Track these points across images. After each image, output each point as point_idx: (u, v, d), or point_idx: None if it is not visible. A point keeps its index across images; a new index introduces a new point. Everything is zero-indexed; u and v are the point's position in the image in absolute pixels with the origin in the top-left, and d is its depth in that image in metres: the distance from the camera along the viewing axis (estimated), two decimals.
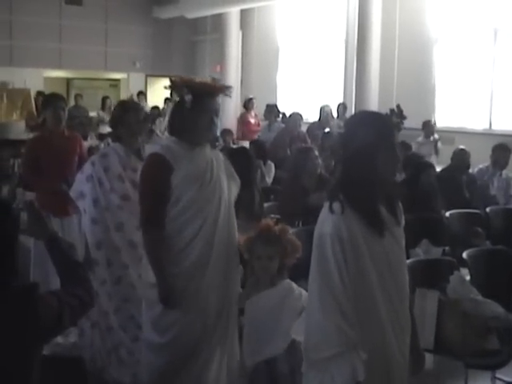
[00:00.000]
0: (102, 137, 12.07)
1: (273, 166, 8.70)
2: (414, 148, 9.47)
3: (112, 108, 14.77)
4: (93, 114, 15.24)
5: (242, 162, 5.62)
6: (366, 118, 2.81)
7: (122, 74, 19.30)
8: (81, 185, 4.44)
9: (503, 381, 4.55)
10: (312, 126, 11.38)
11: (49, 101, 5.87)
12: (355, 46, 13.07)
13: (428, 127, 10.48)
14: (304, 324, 2.71)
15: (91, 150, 7.89)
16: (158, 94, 17.94)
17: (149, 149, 3.74)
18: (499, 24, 11.72)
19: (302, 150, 6.53)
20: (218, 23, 17.14)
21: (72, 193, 4.50)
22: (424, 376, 4.29)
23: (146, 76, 19.37)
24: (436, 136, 10.38)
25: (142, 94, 16.71)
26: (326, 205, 2.63)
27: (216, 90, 3.63)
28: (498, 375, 4.58)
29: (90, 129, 12.99)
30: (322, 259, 2.56)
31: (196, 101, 3.51)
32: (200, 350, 3.62)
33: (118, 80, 19.75)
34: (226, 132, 10.70)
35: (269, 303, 3.64)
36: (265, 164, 8.41)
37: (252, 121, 12.85)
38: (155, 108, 15.24)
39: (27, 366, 2.25)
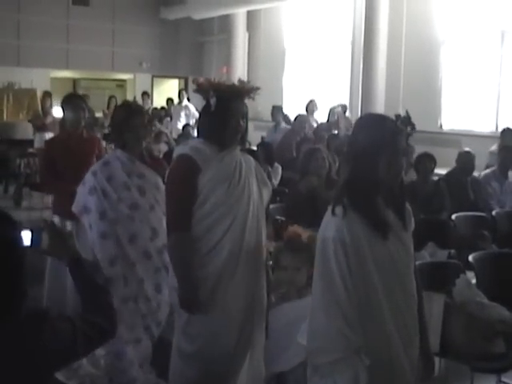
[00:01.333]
0: (107, 137, 12.06)
1: (280, 168, 8.69)
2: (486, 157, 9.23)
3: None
4: (99, 114, 15.24)
5: None
6: (371, 120, 2.84)
7: (129, 74, 19.32)
8: (83, 198, 4.18)
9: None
10: (319, 127, 11.37)
11: (68, 101, 5.68)
12: (362, 48, 13.08)
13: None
14: (307, 328, 2.71)
15: None
16: (164, 94, 18.00)
17: (177, 150, 3.60)
18: (506, 26, 11.69)
19: (308, 151, 6.53)
20: (224, 24, 17.19)
21: (75, 207, 4.25)
22: (430, 379, 4.31)
23: (153, 77, 19.39)
24: None
25: (146, 94, 16.71)
26: (329, 208, 2.63)
27: (242, 92, 3.53)
28: (503, 379, 4.57)
29: (97, 129, 13.00)
30: (324, 263, 2.57)
31: (222, 104, 3.44)
32: (232, 360, 3.49)
33: (124, 80, 19.79)
34: None
35: (291, 316, 3.49)
36: (271, 166, 8.40)
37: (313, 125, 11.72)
38: (162, 109, 15.27)
39: None
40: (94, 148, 5.65)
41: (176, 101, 15.85)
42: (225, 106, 3.43)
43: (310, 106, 12.03)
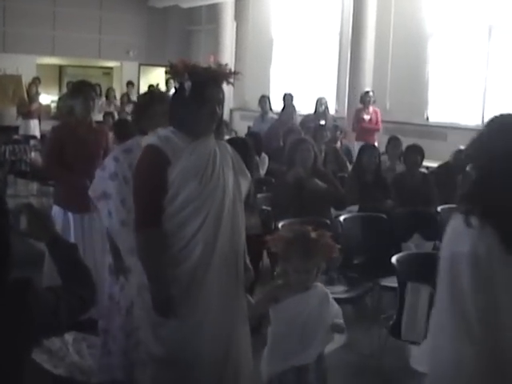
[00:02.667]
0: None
1: (267, 158, 8.72)
2: None
3: (111, 98, 14.88)
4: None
5: (242, 153, 5.67)
6: (509, 122, 2.57)
7: (116, 62, 19.23)
8: (103, 183, 4.01)
9: None
10: (306, 118, 11.38)
11: (79, 89, 5.50)
12: (349, 40, 13.09)
13: None
14: (430, 352, 2.53)
15: None
16: (151, 83, 17.91)
17: (145, 140, 3.38)
18: (494, 21, 11.72)
19: (294, 141, 6.55)
20: (212, 13, 17.14)
21: (92, 192, 4.07)
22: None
23: (140, 65, 19.30)
24: None
25: (131, 83, 16.66)
26: (458, 218, 2.38)
27: (219, 76, 3.25)
28: None
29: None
30: (456, 283, 2.35)
31: (196, 88, 3.15)
32: (209, 364, 3.29)
33: (111, 68, 19.69)
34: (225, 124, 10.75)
35: (302, 309, 3.36)
36: (259, 156, 8.41)
37: (366, 118, 11.36)
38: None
39: (18, 363, 2.14)
40: (102, 140, 5.54)
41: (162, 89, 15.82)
42: (200, 91, 3.16)
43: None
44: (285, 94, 11.84)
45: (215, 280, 3.26)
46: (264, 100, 11.80)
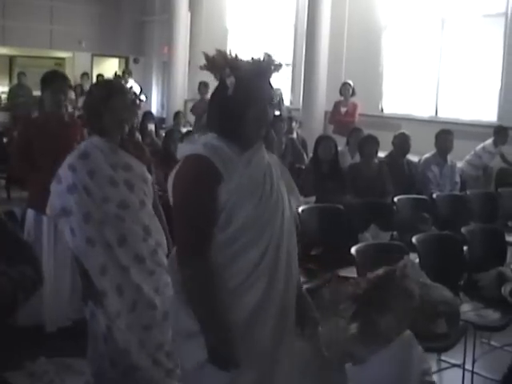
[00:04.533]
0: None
1: None
2: (477, 152, 9.50)
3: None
4: (36, 93, 14.92)
5: None
6: None
7: (68, 52, 18.92)
8: (61, 198, 3.49)
9: (448, 363, 4.64)
10: None
11: (47, 81, 5.00)
12: (304, 31, 13.08)
13: (501, 135, 9.57)
14: None
15: None
16: (104, 73, 17.69)
17: (184, 148, 2.67)
18: (447, 14, 11.87)
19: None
20: (166, 4, 16.97)
21: (49, 210, 3.57)
22: None
23: (92, 55, 19.04)
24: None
25: (86, 74, 16.40)
26: None
27: (268, 69, 2.67)
28: (443, 357, 4.67)
29: (35, 108, 12.72)
30: None
31: (242, 85, 2.55)
32: None
33: (63, 59, 19.35)
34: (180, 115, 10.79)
35: (388, 370, 2.82)
36: None
37: (342, 110, 11.13)
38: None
39: None
40: (76, 134, 5.02)
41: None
42: (246, 89, 2.56)
43: None
44: None
45: (277, 321, 2.61)
46: None
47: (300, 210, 5.60)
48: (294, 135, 9.79)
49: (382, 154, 8.18)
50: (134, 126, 8.02)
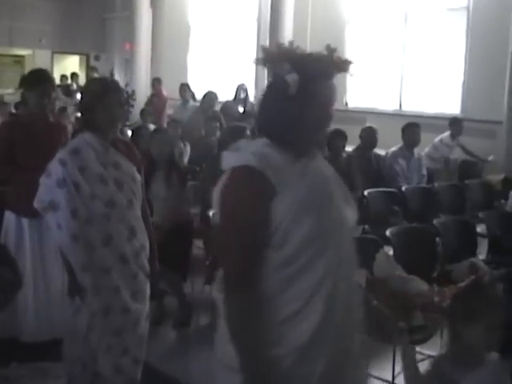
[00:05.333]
0: (12, 115, 11.63)
1: (188, 146, 8.61)
2: (435, 145, 9.50)
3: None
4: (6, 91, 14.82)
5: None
6: None
7: (28, 50, 18.65)
8: (50, 191, 3.42)
9: (423, 354, 4.65)
10: (225, 104, 11.31)
11: (32, 83, 4.76)
12: (268, 25, 13.05)
13: (456, 126, 9.58)
14: None
15: None
16: (64, 71, 17.51)
17: (229, 157, 2.28)
18: (410, 8, 11.95)
19: (233, 128, 6.46)
20: (127, 0, 16.78)
21: (37, 203, 3.48)
22: None
23: (53, 53, 18.80)
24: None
25: (76, 75, 16.31)
26: None
27: (336, 66, 2.29)
28: (418, 349, 4.68)
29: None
30: None
31: (306, 84, 2.19)
32: None
33: (22, 56, 19.09)
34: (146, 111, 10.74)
35: None
36: (184, 144, 8.34)
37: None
38: (67, 86, 15.00)
39: None
40: (60, 136, 4.88)
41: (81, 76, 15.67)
42: (311, 88, 2.19)
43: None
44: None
45: (335, 355, 2.24)
46: (184, 88, 11.66)
47: None
48: None
49: (348, 148, 8.21)
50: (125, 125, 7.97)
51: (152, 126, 8.75)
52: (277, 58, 2.26)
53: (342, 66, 2.32)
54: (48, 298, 4.71)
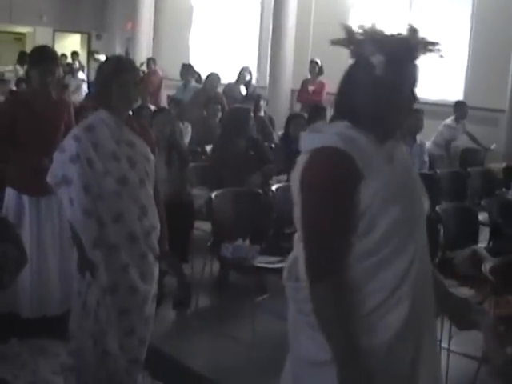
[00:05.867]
0: (12, 93, 11.58)
1: (190, 127, 8.58)
2: (439, 130, 9.48)
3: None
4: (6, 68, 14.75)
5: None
6: None
7: (28, 27, 18.53)
8: (63, 167, 3.41)
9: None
10: (228, 86, 11.26)
11: (35, 60, 4.76)
12: (272, 7, 12.99)
13: (461, 109, 9.65)
14: None
15: None
16: (65, 49, 17.39)
17: (311, 138, 2.18)
18: None
19: (241, 110, 6.44)
20: None
21: (50, 177, 3.46)
22: None
23: (54, 31, 18.68)
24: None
25: (76, 54, 16.26)
26: None
27: (421, 47, 2.23)
28: None
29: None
30: None
31: (393, 67, 2.12)
32: None
33: (23, 34, 18.98)
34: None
35: None
36: (183, 124, 8.30)
37: (310, 89, 11.25)
38: (68, 65, 14.93)
39: None
40: (63, 113, 4.87)
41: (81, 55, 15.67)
42: (398, 69, 2.14)
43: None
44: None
45: (412, 349, 2.18)
46: (185, 68, 11.61)
47: (274, 188, 5.57)
48: (262, 113, 9.72)
49: None
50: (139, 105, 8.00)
51: (152, 107, 8.71)
52: (360, 39, 2.20)
53: (428, 47, 2.24)
54: (46, 274, 4.72)
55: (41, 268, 4.70)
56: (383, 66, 2.10)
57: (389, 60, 2.11)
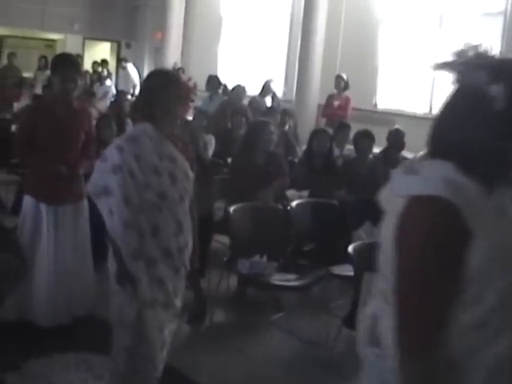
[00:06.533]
0: (36, 98, 11.67)
1: (213, 138, 8.55)
2: None
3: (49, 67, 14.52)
4: (27, 74, 14.78)
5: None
6: None
7: (59, 34, 18.70)
8: (104, 177, 3.37)
9: None
10: (253, 99, 11.23)
11: (57, 66, 4.73)
12: (300, 21, 12.95)
13: None
14: None
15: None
16: (95, 57, 17.53)
17: (410, 182, 1.77)
18: (445, 9, 11.77)
19: (257, 123, 6.40)
20: None
21: (91, 187, 3.45)
22: None
23: (84, 38, 18.83)
24: None
25: (106, 62, 16.42)
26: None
27: None
28: None
29: (25, 90, 12.60)
30: None
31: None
32: None
33: (54, 41, 19.15)
34: None
35: None
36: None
37: (335, 104, 10.97)
38: (95, 72, 15.03)
39: None
40: (83, 122, 4.85)
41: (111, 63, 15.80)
42: None
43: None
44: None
45: None
46: (211, 80, 11.59)
47: (294, 204, 5.50)
48: (286, 127, 9.68)
49: (376, 150, 8.11)
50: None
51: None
52: (473, 65, 1.85)
53: None
54: (64, 283, 4.70)
55: (59, 277, 4.67)
56: (504, 98, 1.72)
57: (510, 91, 1.73)
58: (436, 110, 1.96)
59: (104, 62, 16.33)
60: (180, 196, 3.47)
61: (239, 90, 10.22)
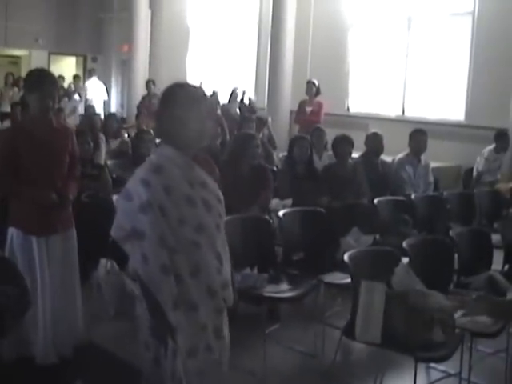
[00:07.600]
0: (3, 117, 11.47)
1: None
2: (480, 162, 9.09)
3: (19, 84, 14.34)
4: None
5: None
6: None
7: (23, 50, 18.46)
8: (131, 217, 2.88)
9: (444, 372, 4.50)
10: (224, 107, 11.20)
11: (35, 84, 4.27)
12: (269, 28, 12.92)
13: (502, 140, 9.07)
14: None
15: None
16: (61, 72, 17.31)
17: None
18: (413, 12, 11.83)
19: (242, 136, 6.33)
20: (125, 1, 16.63)
21: (116, 231, 2.94)
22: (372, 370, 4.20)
23: (49, 54, 18.61)
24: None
25: (78, 77, 16.28)
26: None
27: None
28: (432, 365, 4.54)
29: None
30: None
31: None
32: None
33: (18, 57, 18.93)
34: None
35: None
36: None
37: (308, 110, 10.87)
38: (62, 88, 14.82)
39: None
40: (66, 142, 4.42)
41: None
42: None
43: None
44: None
45: None
46: None
47: (280, 213, 5.42)
48: (260, 135, 9.59)
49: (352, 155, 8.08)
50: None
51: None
52: None
53: None
54: (59, 315, 4.43)
55: (55, 309, 4.39)
56: None
57: None
58: (408, 112, 1.95)
59: (76, 77, 16.21)
60: (216, 224, 3.03)
61: (213, 99, 10.15)
